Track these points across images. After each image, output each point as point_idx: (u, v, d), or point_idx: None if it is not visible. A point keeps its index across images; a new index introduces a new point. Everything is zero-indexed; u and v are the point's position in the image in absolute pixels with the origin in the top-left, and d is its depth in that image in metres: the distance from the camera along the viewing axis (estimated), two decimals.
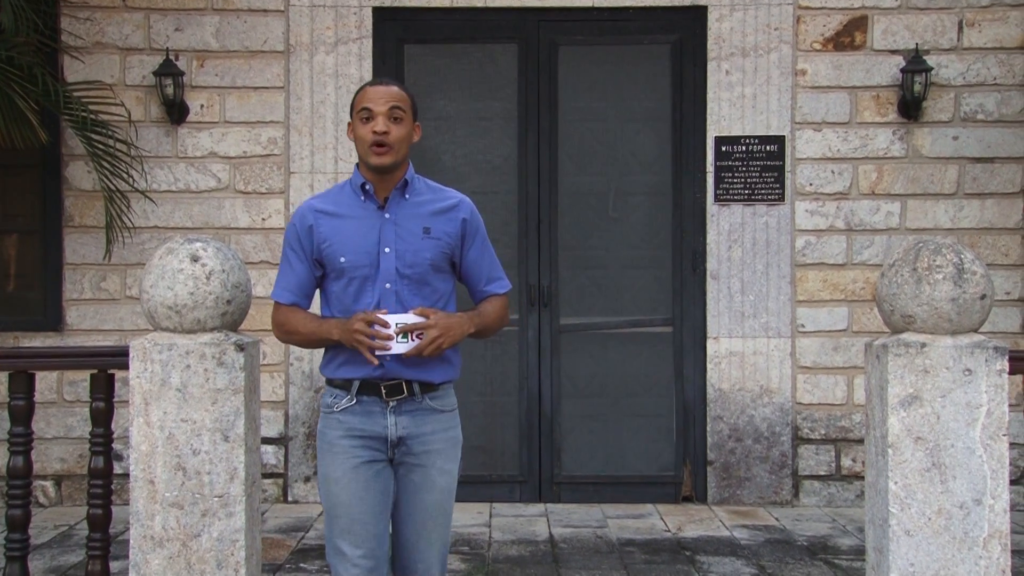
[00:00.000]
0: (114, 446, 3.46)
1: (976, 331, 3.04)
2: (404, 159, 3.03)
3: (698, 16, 6.13)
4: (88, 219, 6.04)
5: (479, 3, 6.09)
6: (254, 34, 6.07)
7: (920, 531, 2.98)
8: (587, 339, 6.23)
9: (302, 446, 6.02)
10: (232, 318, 3.06)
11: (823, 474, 6.11)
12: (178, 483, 3.01)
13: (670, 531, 5.55)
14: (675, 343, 6.19)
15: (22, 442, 3.40)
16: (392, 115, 2.96)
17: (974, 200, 6.08)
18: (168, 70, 5.91)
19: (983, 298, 2.98)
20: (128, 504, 3.08)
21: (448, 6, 6.11)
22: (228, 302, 3.01)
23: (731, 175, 6.05)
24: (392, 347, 2.87)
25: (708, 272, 6.09)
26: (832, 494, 6.10)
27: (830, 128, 6.09)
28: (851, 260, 6.09)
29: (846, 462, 6.10)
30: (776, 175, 6.06)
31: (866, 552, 3.21)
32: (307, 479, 6.05)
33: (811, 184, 6.08)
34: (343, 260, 2.95)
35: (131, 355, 3.03)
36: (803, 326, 6.09)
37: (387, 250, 2.95)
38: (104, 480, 3.36)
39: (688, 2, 6.11)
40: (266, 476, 6.02)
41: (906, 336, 3.03)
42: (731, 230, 6.07)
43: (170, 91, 5.91)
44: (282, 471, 6.10)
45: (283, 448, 6.09)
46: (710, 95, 6.09)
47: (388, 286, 2.95)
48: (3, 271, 6.14)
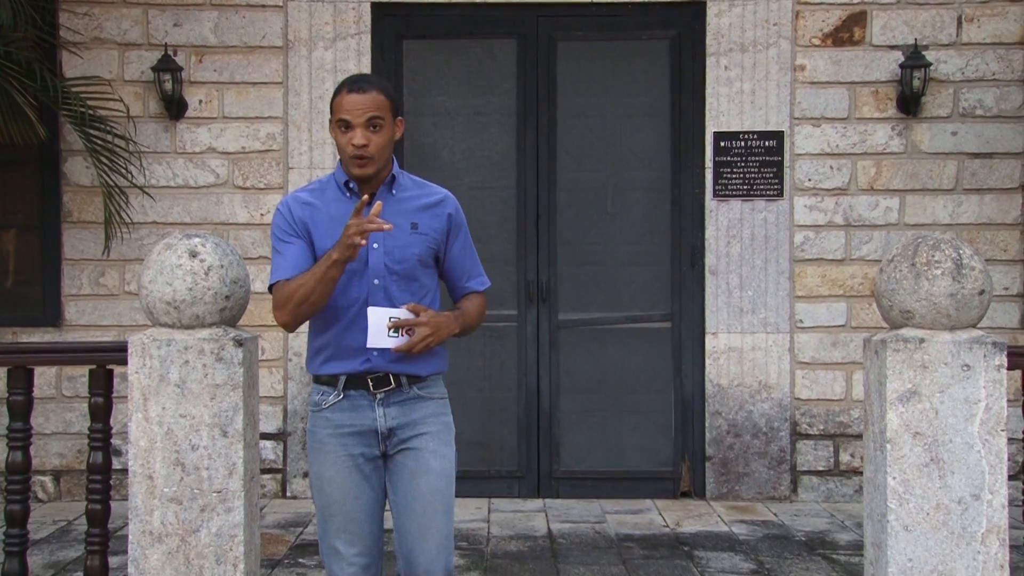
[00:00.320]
0: (113, 441, 3.46)
1: (975, 326, 3.05)
2: (387, 161, 3.00)
3: (697, 11, 6.12)
4: (87, 215, 6.04)
5: None
6: (252, 30, 6.06)
7: (918, 526, 2.98)
8: (586, 335, 6.23)
9: (300, 441, 6.02)
10: (231, 313, 3.05)
11: (821, 469, 6.11)
12: (177, 478, 3.01)
13: (668, 526, 5.55)
14: (674, 339, 6.19)
15: (21, 437, 3.40)
16: (371, 125, 2.90)
17: (973, 196, 6.08)
18: (166, 65, 5.91)
19: (982, 293, 2.98)
20: (127, 499, 3.08)
21: (447, 1, 6.10)
22: (227, 297, 3.01)
23: (730, 171, 6.05)
24: (384, 341, 2.88)
25: (707, 268, 6.09)
26: (830, 489, 6.11)
27: (829, 124, 6.08)
28: (850, 256, 6.09)
29: (844, 457, 6.11)
30: (775, 171, 6.06)
31: (864, 547, 3.21)
32: (305, 474, 6.05)
33: (810, 180, 6.08)
34: None
35: (130, 351, 3.03)
36: (802, 322, 6.09)
37: (375, 245, 2.94)
38: (103, 475, 3.36)
39: None
40: (264, 471, 6.03)
41: (905, 331, 3.03)
42: (730, 226, 6.07)
43: (168, 87, 5.91)
44: (280, 466, 6.10)
45: (281, 443, 6.09)
46: (709, 91, 6.08)
47: (377, 282, 2.94)
48: (2, 267, 6.14)
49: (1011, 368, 3.08)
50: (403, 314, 2.90)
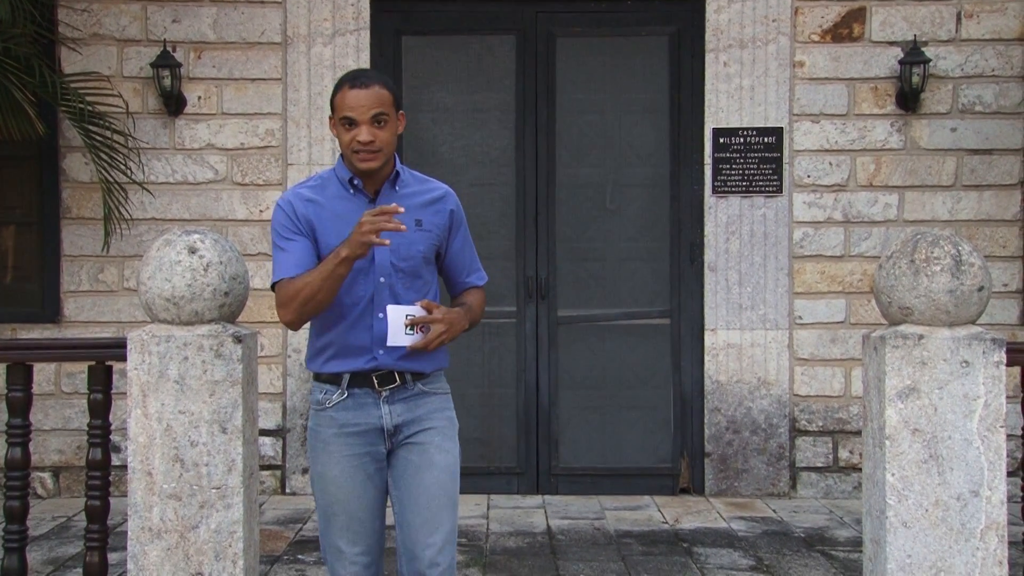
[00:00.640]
0: (112, 438, 3.46)
1: (974, 323, 3.05)
2: (391, 157, 2.97)
3: (696, 8, 6.11)
4: (86, 211, 6.03)
5: None
6: (251, 25, 6.05)
7: (917, 523, 2.99)
8: (585, 331, 6.23)
9: (299, 438, 6.02)
10: (230, 310, 3.05)
11: (820, 466, 6.12)
12: (176, 475, 3.01)
13: (667, 523, 5.55)
14: (673, 335, 6.19)
15: (20, 434, 3.40)
16: (375, 121, 2.87)
17: (972, 192, 6.08)
18: (165, 61, 5.90)
19: (981, 290, 2.98)
20: (126, 496, 3.08)
21: None
22: (226, 294, 3.00)
23: (729, 167, 6.05)
24: (402, 339, 2.87)
25: (706, 264, 6.09)
26: (829, 486, 6.11)
27: (828, 120, 6.08)
28: (849, 252, 6.09)
29: (843, 454, 6.11)
30: (774, 167, 6.05)
31: (863, 543, 3.22)
32: (304, 471, 6.05)
33: (809, 176, 6.08)
34: None
35: (129, 347, 3.03)
36: (801, 318, 6.09)
37: None
38: (102, 472, 3.36)
39: None
40: (264, 468, 6.03)
41: (904, 328, 3.03)
42: (729, 222, 6.07)
43: (167, 83, 5.90)
44: (280, 463, 6.10)
45: (281, 440, 6.10)
46: (708, 87, 6.08)
47: (383, 280, 2.92)
48: (1, 263, 6.14)
49: (1010, 364, 3.08)
50: (418, 312, 2.88)
